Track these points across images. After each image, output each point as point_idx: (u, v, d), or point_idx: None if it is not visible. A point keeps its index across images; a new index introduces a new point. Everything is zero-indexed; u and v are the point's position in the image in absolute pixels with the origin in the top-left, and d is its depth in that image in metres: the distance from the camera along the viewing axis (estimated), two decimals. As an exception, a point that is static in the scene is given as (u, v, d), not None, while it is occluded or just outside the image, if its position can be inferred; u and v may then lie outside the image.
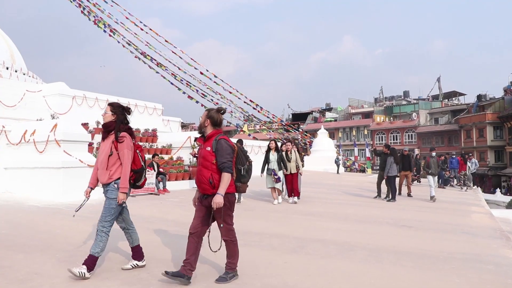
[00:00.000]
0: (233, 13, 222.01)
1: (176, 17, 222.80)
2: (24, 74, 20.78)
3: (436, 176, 12.90)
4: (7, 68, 19.75)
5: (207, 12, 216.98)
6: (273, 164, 10.83)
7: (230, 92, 31.10)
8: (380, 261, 5.37)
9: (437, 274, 4.86)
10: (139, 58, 26.67)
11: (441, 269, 5.07)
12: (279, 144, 11.88)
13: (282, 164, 10.98)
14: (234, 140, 19.73)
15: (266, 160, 11.01)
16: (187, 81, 29.20)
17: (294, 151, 11.26)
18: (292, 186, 11.29)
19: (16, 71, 20.13)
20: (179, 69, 28.44)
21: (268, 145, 11.26)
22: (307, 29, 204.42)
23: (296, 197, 11.32)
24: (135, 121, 19.81)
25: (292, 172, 11.14)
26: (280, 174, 10.96)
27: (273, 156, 10.95)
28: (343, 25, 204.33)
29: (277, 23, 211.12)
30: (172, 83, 28.79)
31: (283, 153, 11.20)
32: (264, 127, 37.41)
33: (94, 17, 24.89)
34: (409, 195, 14.00)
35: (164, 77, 28.15)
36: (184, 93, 29.34)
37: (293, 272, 4.77)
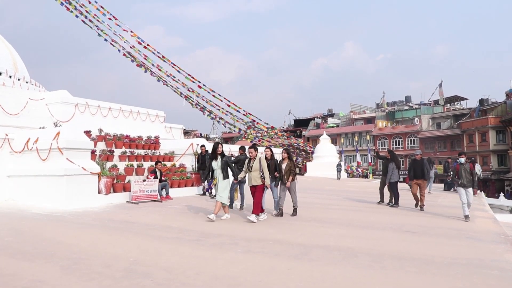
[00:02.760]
0: (235, 21, 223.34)
1: (178, 25, 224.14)
2: (27, 82, 20.90)
3: (470, 188, 10.09)
4: (10, 77, 19.87)
5: (209, 19, 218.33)
6: (217, 172, 9.04)
7: (229, 105, 31.84)
8: (384, 267, 5.35)
9: (442, 280, 4.83)
10: (141, 66, 27.12)
11: (445, 275, 5.04)
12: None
13: (235, 172, 9.23)
14: (236, 147, 19.56)
15: (209, 168, 9.23)
16: (188, 89, 29.83)
17: (260, 159, 9.12)
18: (253, 200, 9.09)
19: (19, 80, 20.25)
20: (178, 81, 29.21)
21: (215, 149, 9.27)
22: (308, 36, 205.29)
23: (262, 214, 9.15)
24: (138, 128, 20.02)
25: (254, 184, 9.02)
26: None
27: (216, 162, 9.11)
28: (344, 31, 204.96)
29: (278, 29, 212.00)
30: (174, 90, 29.29)
31: (246, 160, 9.41)
32: (263, 138, 37.82)
33: (96, 26, 25.41)
34: (421, 208, 11.78)
35: (167, 84, 28.61)
36: (186, 99, 29.89)
37: (297, 278, 4.75)
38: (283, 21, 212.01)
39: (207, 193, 13.60)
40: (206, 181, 9.31)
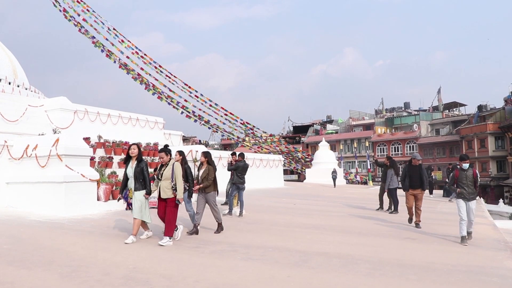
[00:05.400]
0: (235, 27, 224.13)
1: (178, 32, 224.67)
2: (26, 89, 20.90)
3: (473, 201, 8.50)
4: (10, 83, 19.88)
5: (209, 26, 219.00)
6: (130, 182, 7.28)
7: (226, 115, 32.03)
8: (384, 274, 5.33)
9: (442, 287, 4.82)
10: (136, 78, 27.30)
11: (445, 282, 5.02)
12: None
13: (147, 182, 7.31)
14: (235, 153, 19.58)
15: (126, 176, 7.35)
16: (184, 99, 30.04)
17: (174, 165, 7.31)
18: (165, 218, 7.22)
19: (18, 86, 20.26)
20: (175, 93, 29.42)
21: (128, 152, 7.38)
22: (308, 42, 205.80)
23: (167, 238, 7.00)
24: (137, 135, 20.02)
25: (164, 196, 7.23)
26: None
27: (131, 169, 7.25)
28: (344, 38, 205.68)
29: (278, 36, 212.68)
30: (169, 103, 29.46)
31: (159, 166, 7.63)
32: (261, 145, 37.97)
33: (91, 38, 25.60)
34: (416, 224, 9.93)
35: (161, 98, 28.78)
36: (182, 113, 30.09)
37: (296, 286, 4.74)
38: (283, 28, 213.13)
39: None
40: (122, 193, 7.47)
